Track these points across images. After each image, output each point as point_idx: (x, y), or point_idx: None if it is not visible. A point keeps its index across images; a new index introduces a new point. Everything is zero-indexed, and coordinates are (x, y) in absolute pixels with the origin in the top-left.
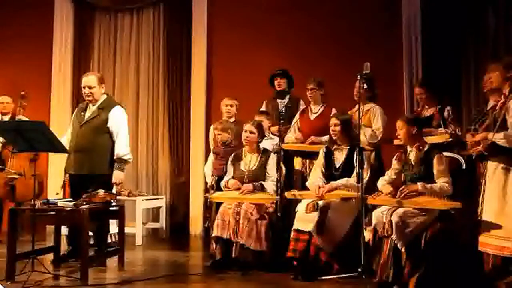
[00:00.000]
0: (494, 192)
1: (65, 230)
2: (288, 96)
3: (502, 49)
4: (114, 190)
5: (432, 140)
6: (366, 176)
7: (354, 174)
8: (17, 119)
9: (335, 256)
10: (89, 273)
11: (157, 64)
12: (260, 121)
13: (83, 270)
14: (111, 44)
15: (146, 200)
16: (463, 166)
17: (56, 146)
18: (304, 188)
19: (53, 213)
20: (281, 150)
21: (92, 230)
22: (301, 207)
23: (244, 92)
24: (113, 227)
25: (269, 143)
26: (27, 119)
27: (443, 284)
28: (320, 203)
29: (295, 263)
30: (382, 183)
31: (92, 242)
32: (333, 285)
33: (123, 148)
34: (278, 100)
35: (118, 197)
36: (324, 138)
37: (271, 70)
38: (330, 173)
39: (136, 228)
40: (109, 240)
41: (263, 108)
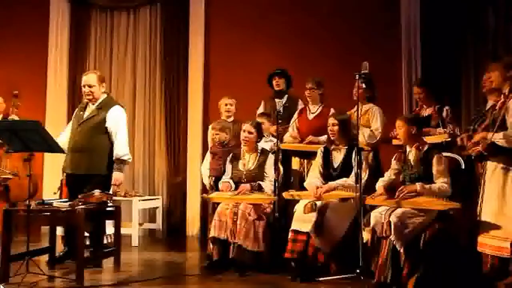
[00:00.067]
0: (493, 193)
1: (61, 231)
2: (287, 96)
3: (502, 49)
4: (111, 191)
5: (431, 140)
6: (365, 176)
7: (352, 174)
8: (10, 119)
9: (333, 257)
10: (85, 274)
11: (154, 63)
12: (261, 123)
13: (79, 271)
14: (108, 43)
15: (143, 201)
16: (462, 166)
17: (52, 146)
18: (302, 188)
19: (48, 214)
20: (279, 150)
21: (88, 231)
22: (299, 208)
23: (242, 92)
24: (109, 228)
25: (269, 145)
26: (18, 119)
27: (442, 285)
28: (318, 204)
29: (293, 264)
30: (379, 184)
31: (88, 243)
32: (331, 286)
33: (122, 149)
34: (276, 100)
35: (114, 198)
36: (322, 138)
37: (269, 70)
38: (328, 173)
39: (133, 229)
40: (105, 241)
41: (261, 108)
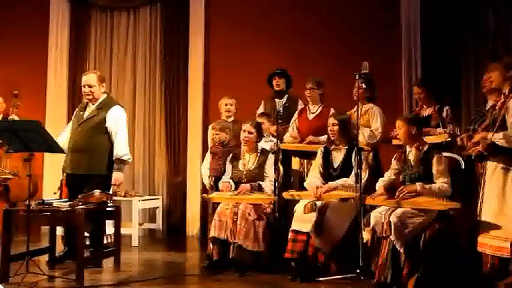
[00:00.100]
0: (493, 193)
1: (60, 231)
2: (287, 96)
3: (502, 49)
4: (111, 191)
5: (431, 140)
6: (365, 176)
7: (352, 174)
8: (10, 119)
9: (333, 257)
10: (85, 274)
11: (154, 63)
12: (261, 123)
13: (79, 271)
14: (108, 43)
15: (143, 201)
16: (462, 166)
17: (52, 146)
18: (302, 188)
19: (48, 214)
20: (279, 150)
21: (88, 231)
22: (299, 208)
23: (242, 92)
24: (109, 228)
25: (269, 145)
26: (18, 119)
27: (442, 285)
28: (318, 204)
29: (293, 264)
30: (379, 184)
31: (88, 243)
32: (331, 286)
33: (122, 149)
34: (276, 100)
35: (114, 198)
36: (322, 138)
37: (269, 70)
38: (328, 173)
39: (133, 229)
40: (105, 241)
41: (261, 108)
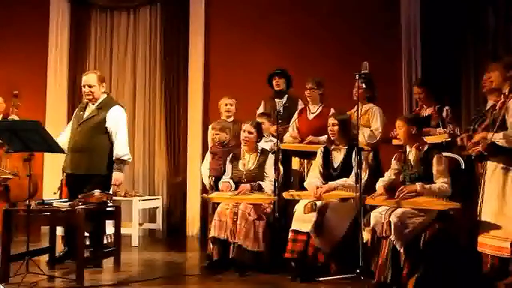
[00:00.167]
0: (494, 193)
1: (60, 231)
2: (287, 96)
3: (502, 49)
4: (111, 191)
5: (431, 140)
6: (365, 176)
7: (352, 174)
8: (10, 119)
9: (333, 257)
10: (85, 274)
11: (154, 63)
12: (261, 123)
13: (79, 271)
14: (107, 43)
15: (143, 201)
16: (462, 166)
17: (52, 146)
18: (302, 188)
19: (48, 214)
20: (279, 150)
21: (88, 231)
22: (299, 208)
23: (242, 92)
24: (109, 228)
25: (269, 145)
26: (18, 119)
27: (442, 285)
28: (318, 204)
29: (293, 264)
30: (379, 184)
31: (88, 243)
32: (331, 286)
33: (122, 149)
34: (276, 100)
35: (114, 198)
36: (322, 138)
37: (269, 70)
38: (328, 173)
39: (133, 229)
40: (105, 241)
41: (261, 108)
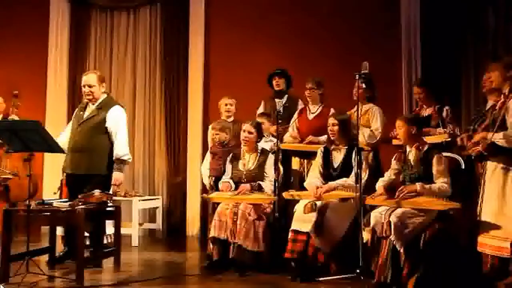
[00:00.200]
0: (493, 193)
1: (60, 231)
2: (287, 96)
3: (502, 49)
4: (111, 191)
5: (431, 140)
6: (365, 176)
7: (352, 174)
8: (10, 119)
9: (333, 257)
10: (85, 274)
11: (154, 63)
12: (261, 123)
13: (79, 271)
14: (107, 43)
15: (143, 201)
16: (462, 166)
17: (52, 146)
18: (302, 188)
19: (48, 214)
20: (279, 150)
21: (88, 231)
22: (299, 208)
23: (243, 92)
24: (109, 228)
25: (269, 145)
26: (18, 119)
27: (442, 285)
28: (318, 204)
29: (293, 264)
30: (378, 184)
31: (88, 243)
32: (331, 286)
33: (122, 149)
34: (276, 100)
35: (114, 198)
36: (322, 138)
37: (269, 70)
38: (328, 173)
39: (133, 229)
40: (105, 241)
41: (261, 108)
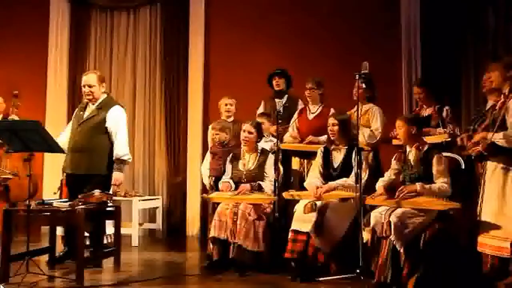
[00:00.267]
0: (493, 193)
1: (60, 231)
2: (287, 96)
3: (502, 49)
4: (111, 191)
5: (431, 140)
6: (365, 177)
7: (352, 174)
8: (10, 119)
9: (333, 257)
10: (85, 274)
11: (154, 64)
12: (261, 123)
13: (79, 271)
14: (107, 43)
15: (143, 201)
16: (462, 166)
17: (52, 146)
18: (302, 188)
19: (48, 214)
20: (279, 150)
21: (88, 231)
22: (299, 208)
23: (243, 92)
24: (109, 228)
25: (269, 145)
26: (18, 119)
27: (442, 285)
28: (318, 204)
29: (293, 264)
30: (378, 184)
31: (88, 243)
32: (331, 286)
33: (122, 149)
34: (276, 100)
35: (114, 198)
36: (322, 138)
37: (269, 70)
38: (328, 173)
39: (133, 229)
40: (105, 241)
41: (261, 108)
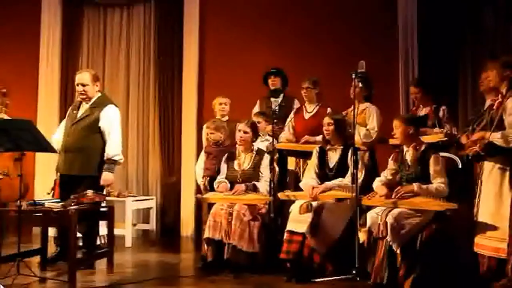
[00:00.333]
0: (491, 193)
1: (53, 232)
2: (282, 95)
3: (500, 49)
4: (104, 191)
5: (427, 140)
6: (361, 177)
7: (348, 174)
8: None
9: (329, 258)
10: (77, 276)
11: (148, 62)
12: (258, 122)
13: (71, 273)
14: (101, 41)
15: (136, 201)
16: (459, 166)
17: (44, 146)
18: (298, 189)
19: (40, 214)
20: (275, 150)
21: (81, 232)
22: (295, 208)
23: (238, 91)
24: (102, 229)
25: (265, 145)
26: (9, 118)
27: (439, 286)
28: (314, 204)
29: (288, 265)
30: (378, 184)
31: (81, 244)
32: (327, 287)
33: (114, 149)
34: (272, 99)
35: (108, 198)
36: (318, 138)
37: (265, 69)
38: (324, 173)
39: (126, 230)
40: (98, 242)
41: (257, 107)
